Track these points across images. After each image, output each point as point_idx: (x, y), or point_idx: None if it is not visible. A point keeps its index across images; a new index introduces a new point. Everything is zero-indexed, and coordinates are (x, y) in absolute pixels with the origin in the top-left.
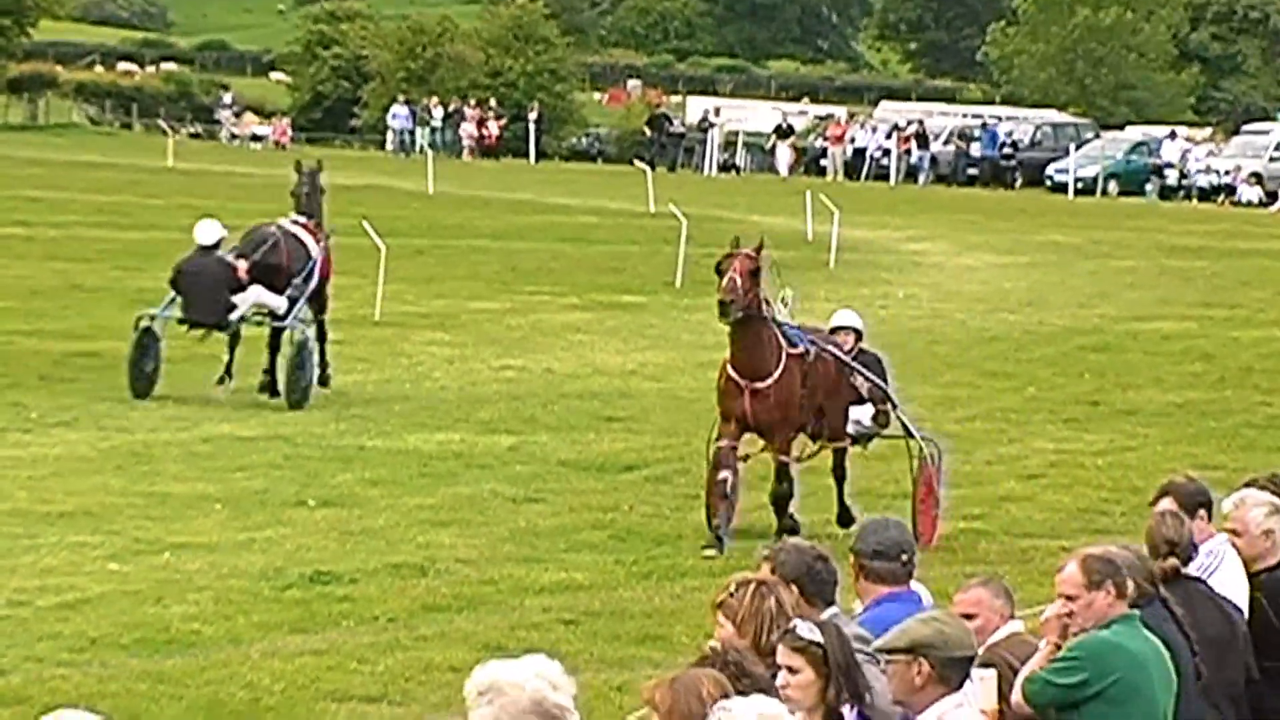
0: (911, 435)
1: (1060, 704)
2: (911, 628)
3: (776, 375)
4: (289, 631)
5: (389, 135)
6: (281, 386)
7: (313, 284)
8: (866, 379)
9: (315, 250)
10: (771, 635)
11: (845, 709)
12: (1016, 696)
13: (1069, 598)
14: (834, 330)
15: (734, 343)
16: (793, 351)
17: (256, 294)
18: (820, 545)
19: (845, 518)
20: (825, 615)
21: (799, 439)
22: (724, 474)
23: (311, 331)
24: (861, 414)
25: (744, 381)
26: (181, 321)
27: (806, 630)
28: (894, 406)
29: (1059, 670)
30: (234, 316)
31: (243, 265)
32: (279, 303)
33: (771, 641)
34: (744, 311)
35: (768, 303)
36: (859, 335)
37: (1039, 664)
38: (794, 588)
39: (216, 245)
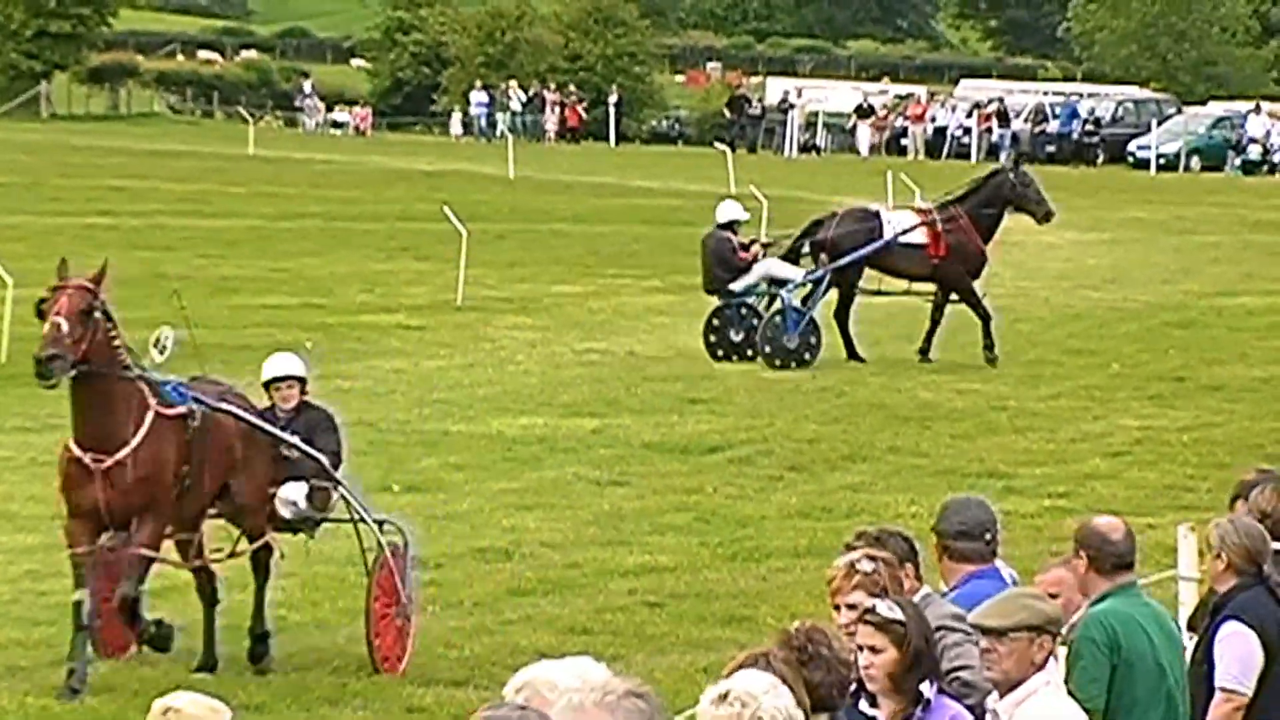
0: (363, 520)
1: (1106, 688)
2: (1038, 605)
3: (134, 445)
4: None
5: (454, 119)
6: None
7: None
8: (295, 447)
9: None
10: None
11: (925, 686)
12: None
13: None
14: (270, 383)
15: (74, 408)
16: (167, 413)
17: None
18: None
19: (257, 650)
20: (919, 595)
21: (206, 529)
22: (80, 595)
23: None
24: (294, 493)
25: (91, 459)
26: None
27: (887, 609)
28: (336, 484)
29: (1081, 665)
30: (735, 286)
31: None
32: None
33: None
34: (83, 366)
35: (127, 349)
36: (303, 385)
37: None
38: (908, 568)
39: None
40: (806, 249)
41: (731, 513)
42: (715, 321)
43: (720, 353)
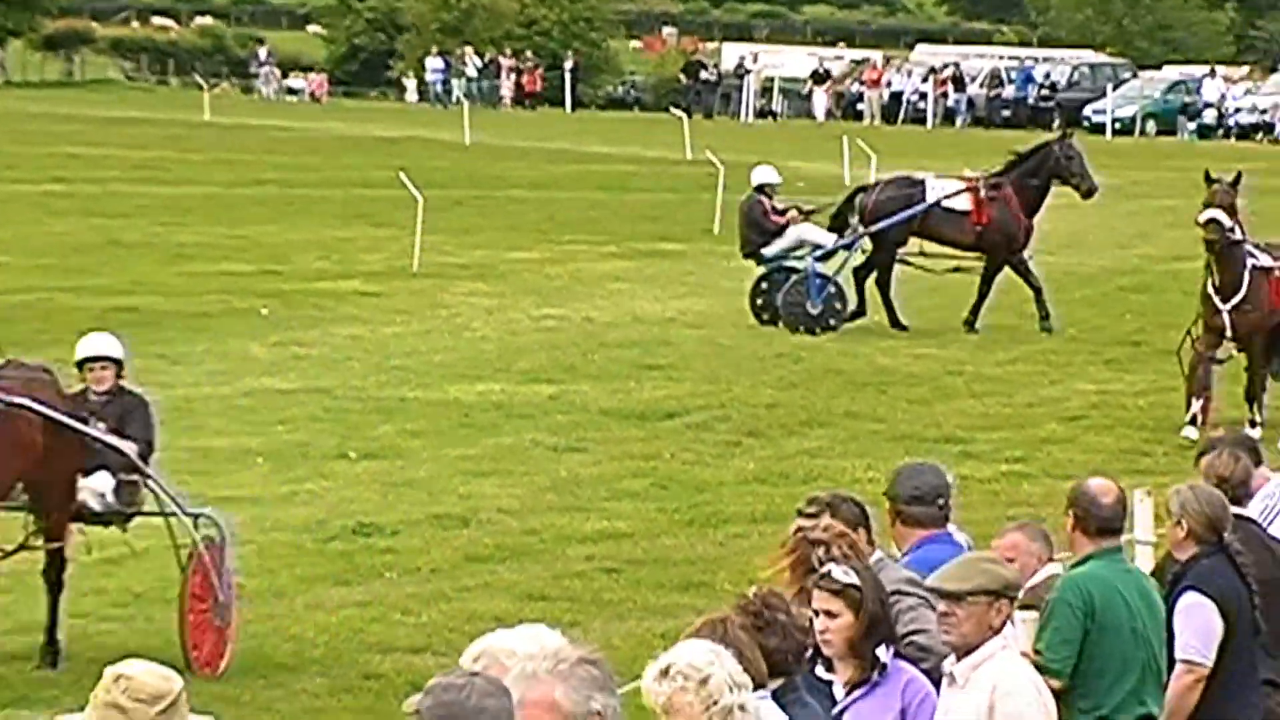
0: (175, 514)
1: (1076, 653)
2: (996, 570)
3: None
4: (332, 584)
5: (410, 86)
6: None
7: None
8: (98, 439)
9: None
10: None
11: (880, 650)
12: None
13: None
14: (83, 363)
15: None
16: None
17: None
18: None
19: (50, 651)
20: (873, 559)
21: None
22: None
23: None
24: (101, 484)
25: None
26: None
27: (843, 574)
28: (146, 476)
29: (1053, 626)
30: (768, 251)
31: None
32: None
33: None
34: None
35: None
36: (120, 368)
37: (1028, 638)
38: (860, 533)
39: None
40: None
41: (689, 478)
42: (763, 285)
43: (765, 317)
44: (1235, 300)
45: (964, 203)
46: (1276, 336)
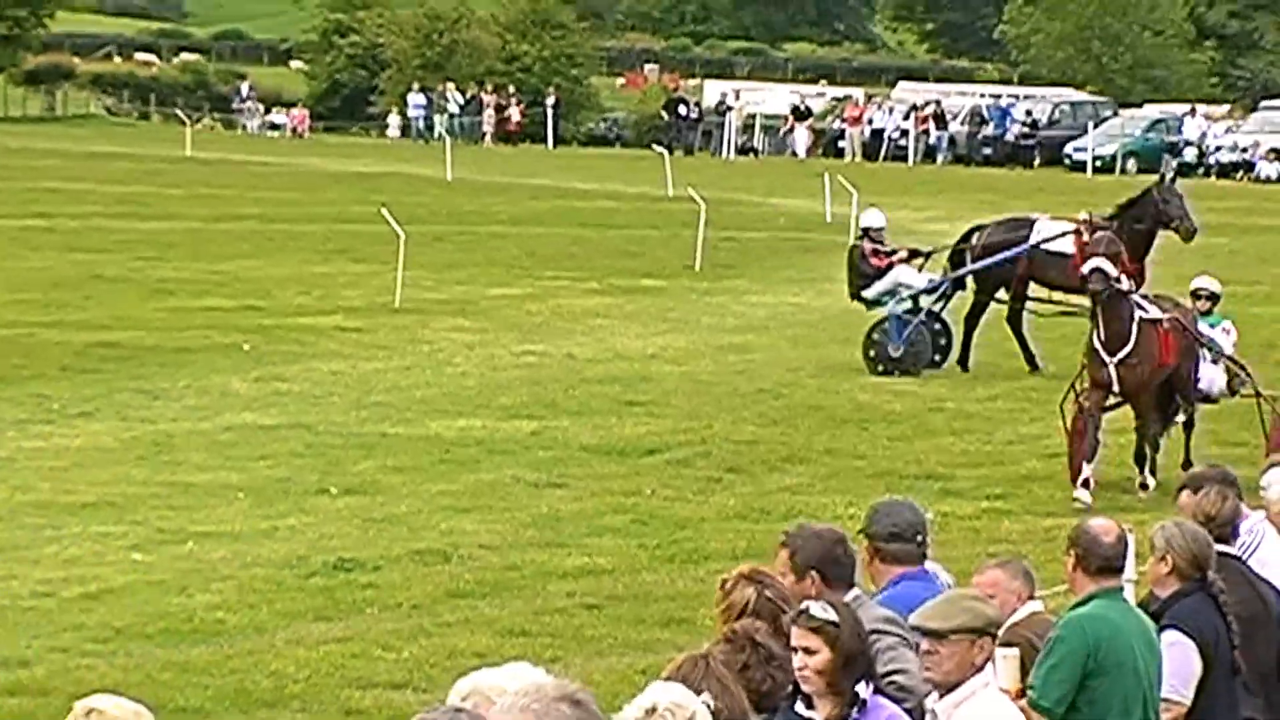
0: None
1: (1070, 693)
2: (979, 608)
3: None
4: (313, 619)
5: (391, 121)
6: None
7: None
8: None
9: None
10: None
11: (860, 687)
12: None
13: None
14: None
15: None
16: None
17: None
18: (837, 528)
19: None
20: (848, 597)
21: None
22: None
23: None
24: None
25: None
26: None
27: (820, 610)
28: None
29: (1050, 663)
30: (868, 294)
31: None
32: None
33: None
34: None
35: None
36: None
37: (1009, 676)
38: (814, 573)
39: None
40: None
41: (670, 515)
42: (874, 336)
43: (880, 369)
44: (1122, 354)
45: (1068, 245)
46: (1165, 393)
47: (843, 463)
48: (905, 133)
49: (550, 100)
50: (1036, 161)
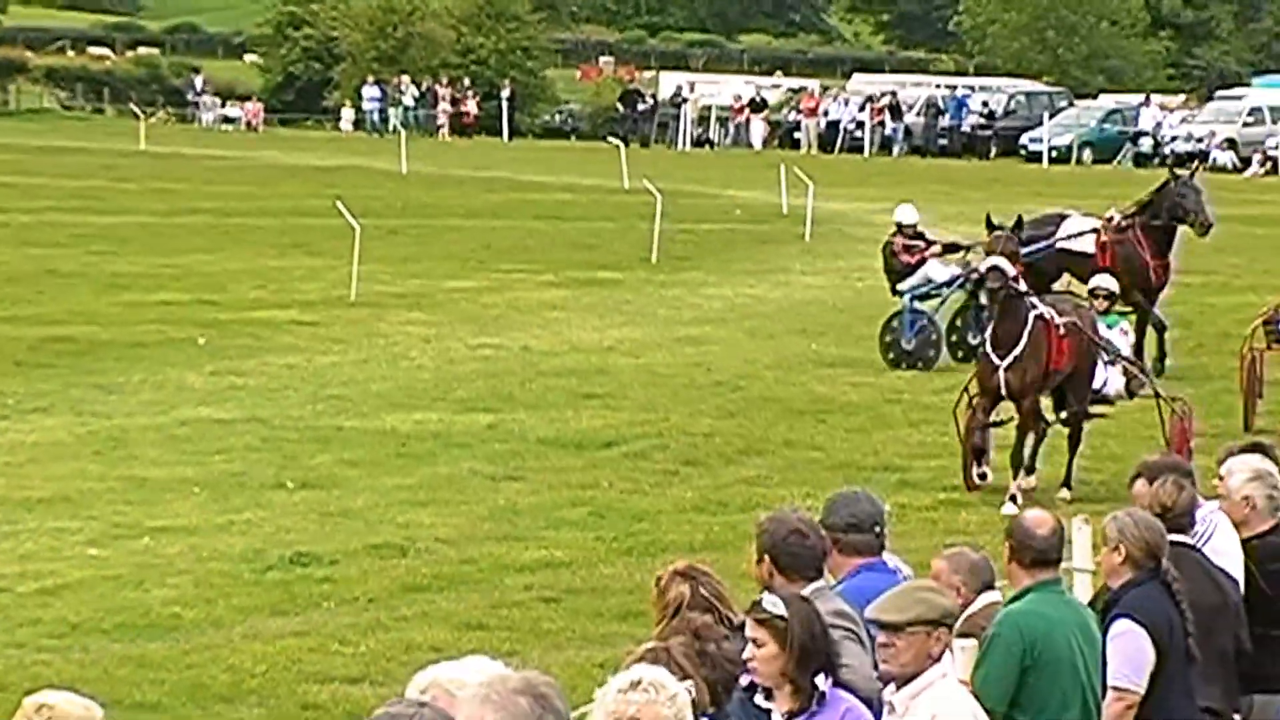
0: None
1: (1010, 690)
2: (933, 599)
3: None
4: (270, 614)
5: (346, 114)
6: None
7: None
8: None
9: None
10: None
11: (820, 679)
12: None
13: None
14: None
15: None
16: None
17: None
18: (802, 517)
19: None
20: (810, 589)
21: None
22: None
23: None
24: None
25: None
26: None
27: (770, 604)
28: None
29: (989, 662)
30: (901, 287)
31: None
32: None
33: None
34: None
35: None
36: None
37: (967, 666)
38: (767, 560)
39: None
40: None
41: (627, 508)
42: (892, 326)
43: (895, 360)
44: (1011, 356)
45: (1088, 245)
46: (1059, 396)
47: (800, 454)
48: (861, 124)
49: (505, 93)
50: (993, 152)
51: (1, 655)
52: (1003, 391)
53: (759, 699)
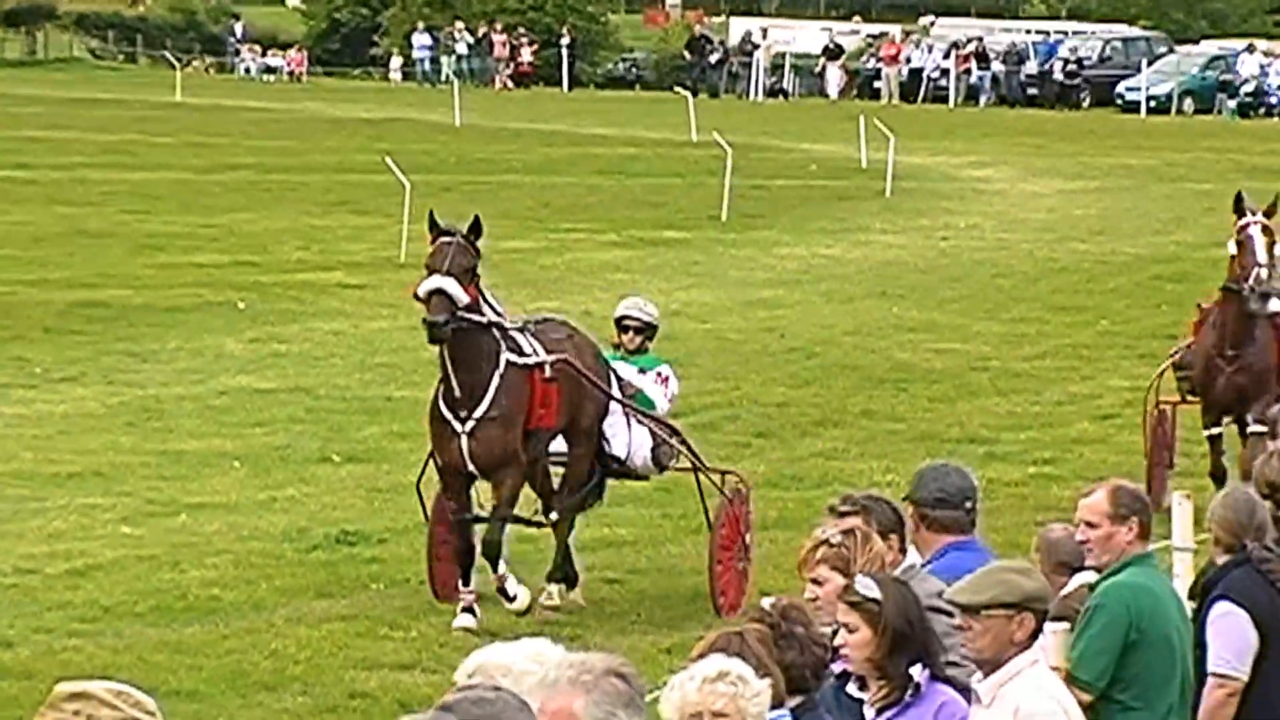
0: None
1: (1111, 667)
2: (1016, 581)
3: None
4: (314, 596)
5: (394, 63)
6: None
7: None
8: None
9: None
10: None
11: (915, 670)
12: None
13: (1090, 524)
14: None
15: None
16: None
17: None
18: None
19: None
20: (902, 567)
21: None
22: None
23: None
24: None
25: None
26: None
27: (864, 587)
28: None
29: (1089, 635)
30: None
31: None
32: None
33: None
34: None
35: None
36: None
37: (1060, 652)
38: (893, 539)
39: None
40: None
41: (695, 482)
42: None
43: None
44: (476, 414)
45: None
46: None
47: (880, 426)
48: (945, 72)
49: (565, 40)
50: (1086, 102)
51: (29, 641)
52: (470, 467)
53: (851, 687)
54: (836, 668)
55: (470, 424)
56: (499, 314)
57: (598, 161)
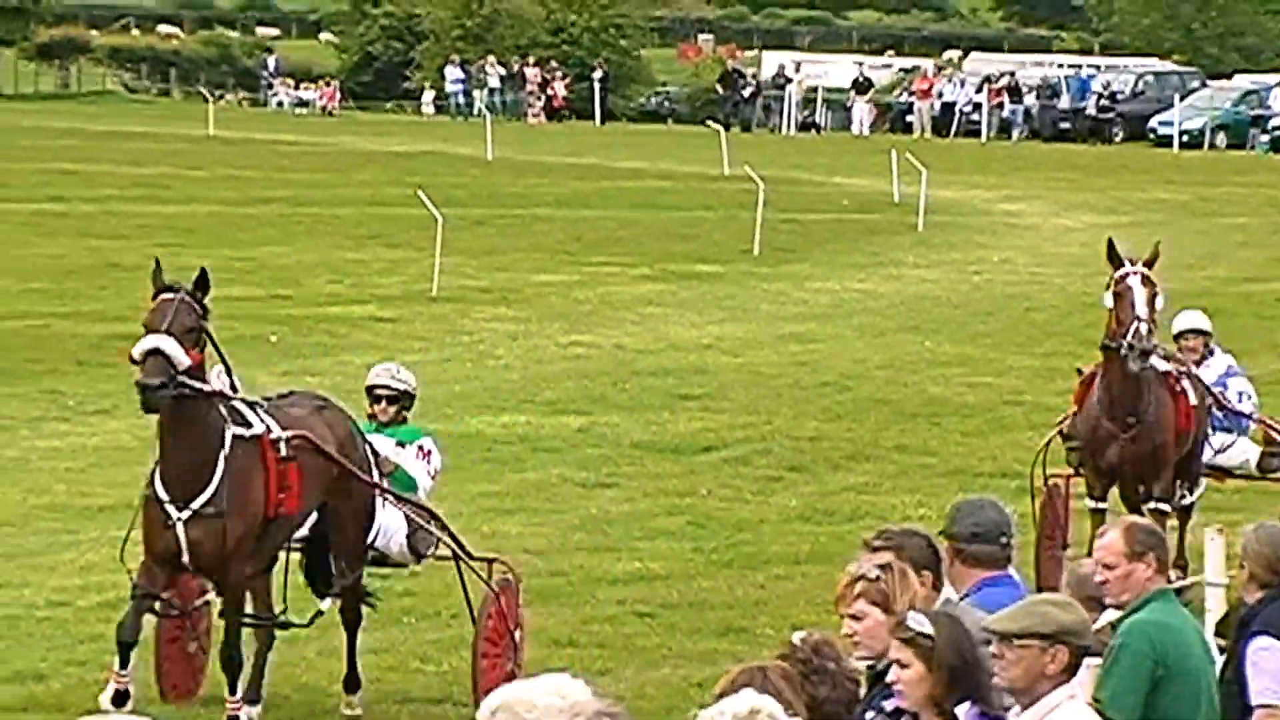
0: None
1: (1141, 704)
2: (1051, 613)
3: None
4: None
5: (427, 97)
6: None
7: None
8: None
9: None
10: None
11: (963, 709)
12: None
13: (1107, 565)
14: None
15: None
16: None
17: None
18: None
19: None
20: (939, 601)
21: None
22: None
23: None
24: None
25: None
26: None
27: (916, 622)
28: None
29: (1118, 674)
30: None
31: None
32: None
33: None
34: None
35: None
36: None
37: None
38: (926, 574)
39: None
40: None
41: (727, 516)
42: None
43: None
44: (198, 504)
45: None
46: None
47: (913, 460)
48: (978, 106)
49: (598, 74)
50: (1119, 136)
51: (60, 674)
52: (186, 561)
53: None
54: (889, 705)
55: (188, 513)
56: (233, 385)
57: (630, 195)
